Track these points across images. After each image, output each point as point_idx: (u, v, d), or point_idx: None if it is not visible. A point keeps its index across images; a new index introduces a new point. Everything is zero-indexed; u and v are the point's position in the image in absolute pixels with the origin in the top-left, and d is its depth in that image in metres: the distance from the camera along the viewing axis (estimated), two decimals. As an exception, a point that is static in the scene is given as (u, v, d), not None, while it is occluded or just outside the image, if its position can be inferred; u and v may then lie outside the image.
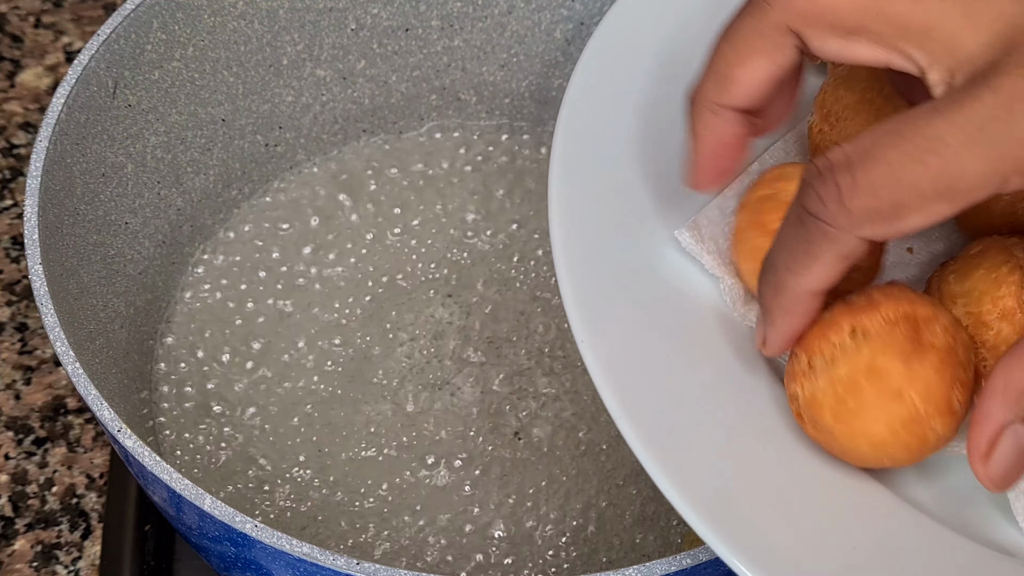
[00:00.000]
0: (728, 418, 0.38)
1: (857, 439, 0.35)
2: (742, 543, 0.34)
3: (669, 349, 0.39)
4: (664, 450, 0.36)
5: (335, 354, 0.55)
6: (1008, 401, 0.33)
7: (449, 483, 0.52)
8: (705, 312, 0.40)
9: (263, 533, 0.37)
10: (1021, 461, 0.33)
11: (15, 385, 0.58)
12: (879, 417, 0.35)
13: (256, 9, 0.54)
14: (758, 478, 0.37)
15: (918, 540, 0.36)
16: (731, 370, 0.39)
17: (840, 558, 0.35)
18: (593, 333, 0.38)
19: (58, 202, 0.46)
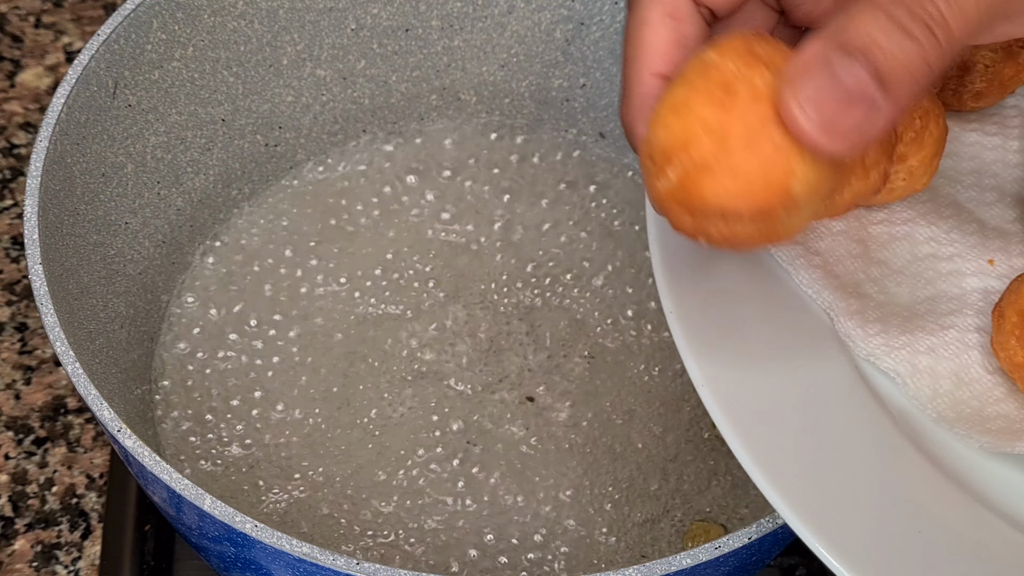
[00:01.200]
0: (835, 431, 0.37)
1: None
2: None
3: (776, 367, 0.38)
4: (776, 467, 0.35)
5: (335, 353, 0.55)
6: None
7: (450, 483, 0.52)
8: (810, 326, 0.39)
9: (263, 533, 0.37)
10: (825, 81, 0.29)
11: (15, 385, 0.58)
12: None
13: (256, 9, 0.54)
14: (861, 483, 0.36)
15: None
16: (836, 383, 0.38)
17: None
18: (699, 351, 0.37)
19: (58, 202, 0.46)
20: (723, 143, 0.30)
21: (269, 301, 0.56)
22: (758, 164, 0.30)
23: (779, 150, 0.30)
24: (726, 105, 0.30)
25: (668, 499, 0.52)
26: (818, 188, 0.31)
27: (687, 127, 0.31)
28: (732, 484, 0.53)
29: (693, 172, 0.31)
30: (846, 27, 0.29)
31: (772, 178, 0.30)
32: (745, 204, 0.31)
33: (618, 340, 0.56)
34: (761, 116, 0.30)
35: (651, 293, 0.57)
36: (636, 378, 0.55)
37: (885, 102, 0.29)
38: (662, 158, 0.31)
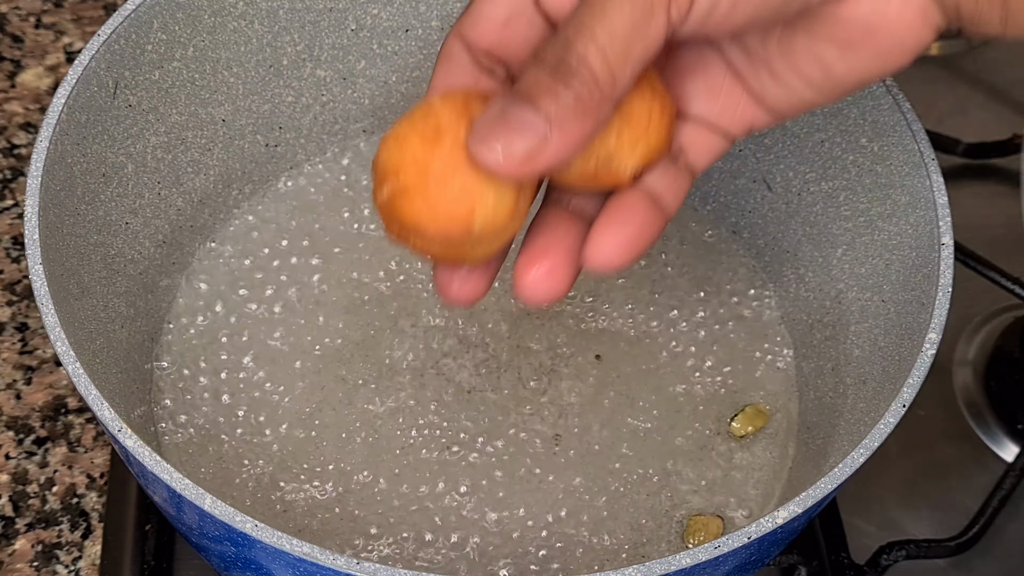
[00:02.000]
0: None
1: None
2: None
3: None
4: None
5: (336, 354, 0.55)
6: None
7: (450, 482, 0.52)
8: None
9: (263, 533, 0.38)
10: (499, 123, 0.36)
11: (16, 385, 0.59)
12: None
13: (256, 10, 0.54)
14: None
15: None
16: None
17: None
18: None
19: (59, 202, 0.46)
20: (423, 176, 0.37)
21: (270, 302, 0.56)
22: (445, 198, 0.37)
23: (464, 191, 0.37)
24: (433, 145, 0.37)
25: (668, 499, 0.52)
26: (500, 223, 0.38)
27: (401, 156, 0.37)
28: (732, 483, 0.53)
29: (398, 193, 0.37)
30: (520, 79, 0.36)
31: (455, 212, 0.37)
32: (432, 228, 0.37)
33: (618, 340, 0.56)
34: (456, 161, 0.37)
35: (653, 293, 0.58)
36: (636, 377, 0.55)
37: (554, 131, 0.35)
38: (381, 175, 0.38)
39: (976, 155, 0.68)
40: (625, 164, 0.39)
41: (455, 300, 0.42)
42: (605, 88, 0.35)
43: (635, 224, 0.40)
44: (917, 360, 0.43)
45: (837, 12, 0.37)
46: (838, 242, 0.54)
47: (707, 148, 0.42)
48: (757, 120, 0.42)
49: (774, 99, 0.41)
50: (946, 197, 0.47)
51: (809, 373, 0.55)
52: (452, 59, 0.41)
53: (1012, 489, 0.55)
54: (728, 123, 0.42)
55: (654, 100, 0.39)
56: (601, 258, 0.40)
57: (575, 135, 0.36)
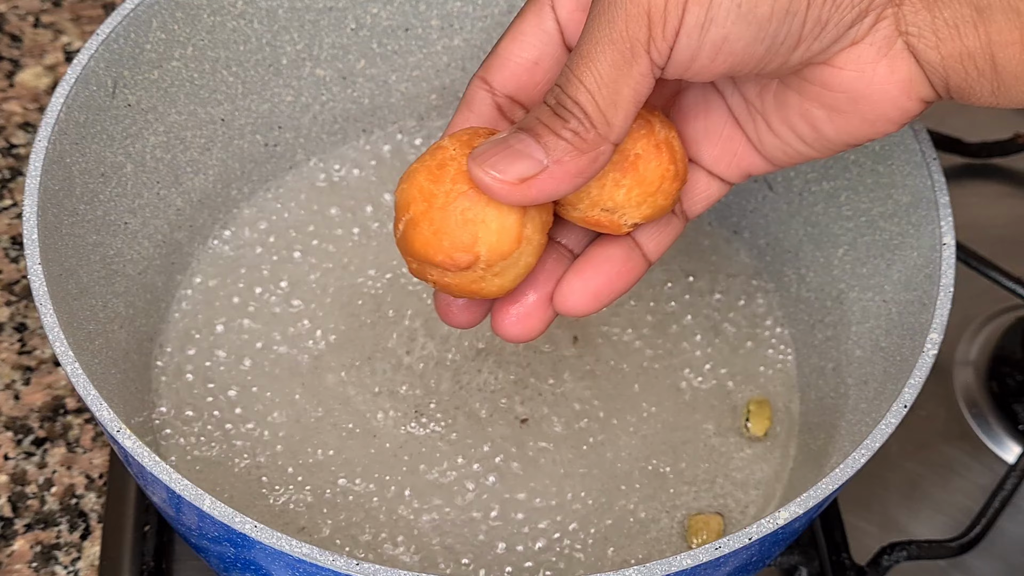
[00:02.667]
0: None
1: None
2: None
3: None
4: None
5: (335, 353, 0.55)
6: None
7: (451, 482, 0.52)
8: None
9: (262, 533, 0.37)
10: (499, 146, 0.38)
11: (14, 385, 0.58)
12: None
13: (256, 9, 0.54)
14: None
15: None
16: None
17: None
18: None
19: (57, 202, 0.46)
20: (429, 207, 0.39)
21: (269, 302, 0.56)
22: (450, 226, 0.39)
23: (467, 218, 0.38)
24: (437, 178, 0.39)
25: (669, 499, 0.52)
26: (505, 248, 0.39)
27: (410, 191, 0.39)
28: (733, 484, 0.53)
29: (410, 226, 0.39)
30: (525, 117, 0.38)
31: (460, 239, 0.39)
32: (441, 257, 0.39)
33: (619, 339, 0.56)
34: (458, 190, 0.38)
35: (653, 293, 0.58)
36: (637, 377, 0.55)
37: (551, 163, 0.37)
38: (397, 212, 0.40)
39: (978, 155, 0.68)
40: (628, 219, 0.41)
41: (453, 323, 0.44)
42: (600, 128, 0.37)
43: (607, 274, 0.42)
44: (918, 360, 0.43)
45: (822, 77, 0.38)
46: (839, 242, 0.54)
47: (704, 195, 0.44)
48: (754, 166, 0.43)
49: (771, 149, 0.42)
50: (948, 197, 0.47)
51: (810, 373, 0.55)
52: (473, 106, 0.42)
53: (1013, 490, 0.55)
54: (725, 169, 0.43)
55: (670, 165, 0.40)
56: (568, 304, 0.42)
57: (570, 169, 0.37)
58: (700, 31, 0.36)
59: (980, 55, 0.37)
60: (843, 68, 0.38)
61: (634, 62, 0.36)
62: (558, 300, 0.43)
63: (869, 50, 0.38)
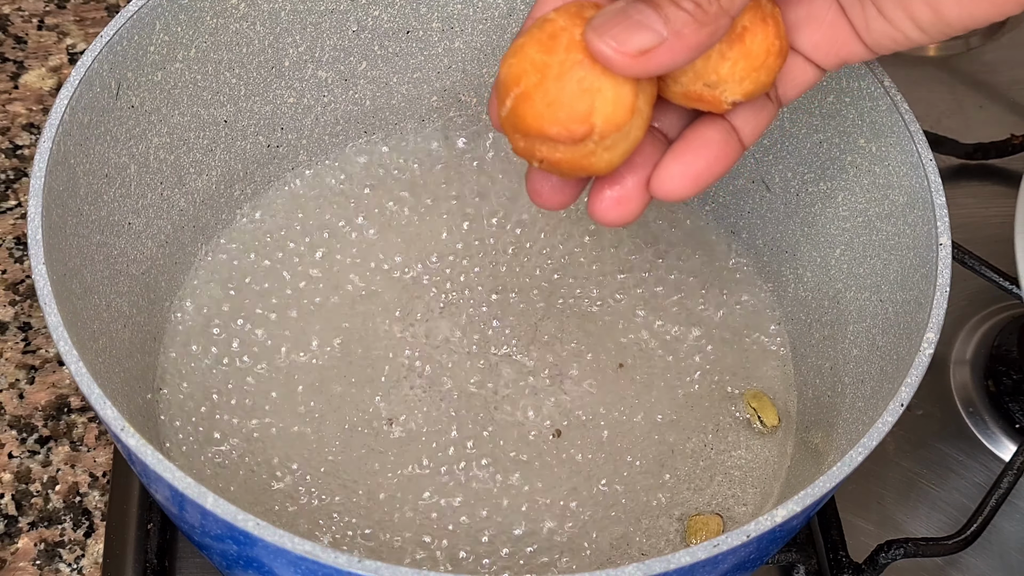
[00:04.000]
0: None
1: None
2: None
3: None
4: None
5: (338, 353, 0.55)
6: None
7: (451, 482, 0.52)
8: None
9: (265, 531, 0.38)
10: (619, 16, 0.37)
11: (19, 384, 0.59)
12: None
13: (258, 11, 0.54)
14: None
15: None
16: None
17: None
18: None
19: (61, 203, 0.46)
20: (543, 78, 0.38)
21: (271, 301, 0.57)
22: (566, 96, 0.38)
23: (583, 88, 0.37)
24: (550, 49, 0.38)
25: (668, 497, 0.52)
26: (620, 119, 0.38)
27: (520, 65, 0.38)
28: (730, 482, 0.53)
29: (520, 100, 0.38)
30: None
31: (576, 109, 0.38)
32: (556, 129, 0.38)
33: (617, 340, 0.56)
34: (573, 60, 0.37)
35: (651, 293, 0.58)
36: (635, 377, 0.55)
37: (670, 35, 0.36)
38: (503, 90, 0.39)
39: (974, 156, 0.68)
40: (730, 93, 0.40)
41: (545, 204, 0.43)
42: (724, 2, 0.36)
43: (706, 158, 0.42)
44: (915, 359, 0.43)
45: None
46: (836, 242, 0.54)
47: (800, 81, 0.43)
48: (853, 55, 0.42)
49: (877, 35, 0.41)
50: (944, 197, 0.47)
51: (807, 372, 0.55)
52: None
53: (1010, 488, 0.55)
54: (824, 56, 0.42)
55: (776, 39, 0.40)
56: (666, 188, 0.41)
57: (690, 42, 0.37)
58: None
59: None
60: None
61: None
62: (656, 184, 0.42)
63: None
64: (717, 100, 0.41)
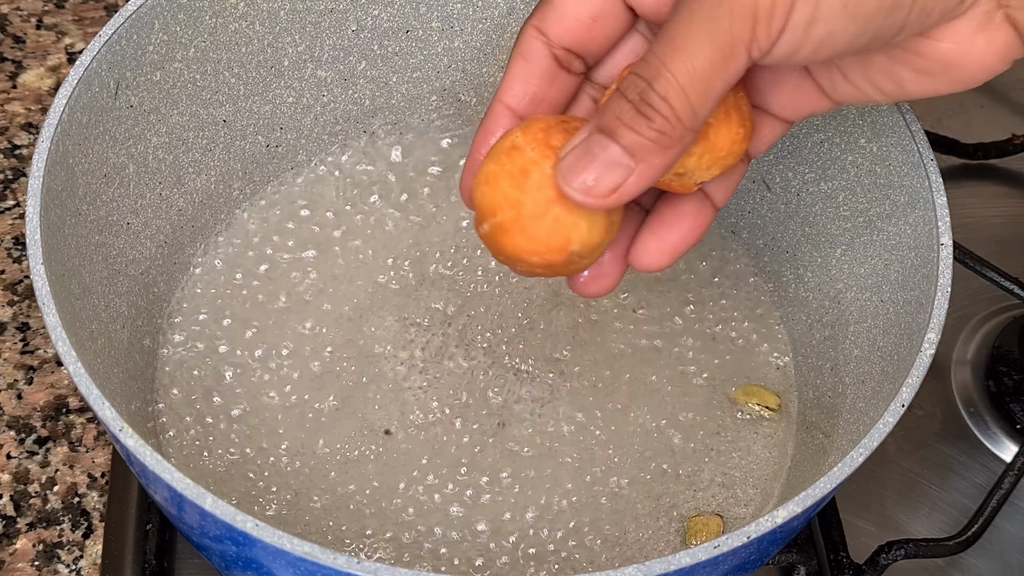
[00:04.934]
0: None
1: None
2: None
3: None
4: None
5: (338, 353, 0.55)
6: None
7: (452, 482, 0.52)
8: None
9: (264, 532, 0.38)
10: (585, 159, 0.37)
11: (17, 385, 0.59)
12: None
13: (257, 11, 0.54)
14: None
15: None
16: None
17: None
18: None
19: (60, 202, 0.46)
20: (518, 215, 0.39)
21: (271, 301, 0.56)
22: (543, 232, 0.39)
23: (559, 224, 0.39)
24: (522, 186, 0.39)
25: (668, 498, 0.52)
26: (596, 241, 0.40)
27: (494, 198, 0.40)
28: (731, 483, 0.53)
29: (498, 231, 0.40)
30: (603, 112, 0.37)
31: (553, 243, 0.39)
32: (535, 259, 0.40)
33: (617, 340, 0.56)
34: (547, 198, 0.39)
35: (651, 294, 0.58)
36: (635, 377, 0.55)
37: (638, 165, 0.37)
38: (479, 214, 0.41)
39: (975, 156, 0.68)
40: (697, 179, 0.41)
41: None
42: (687, 122, 0.36)
43: (682, 229, 0.43)
44: (916, 360, 0.43)
45: (917, 47, 0.38)
46: (837, 242, 0.54)
47: (768, 137, 0.44)
48: (818, 108, 0.43)
49: (841, 95, 0.42)
50: (945, 197, 0.47)
51: (808, 373, 0.55)
52: (530, 57, 0.42)
53: (1011, 489, 0.55)
54: (791, 112, 0.43)
55: (740, 128, 0.41)
56: (645, 261, 0.43)
57: (658, 166, 0.37)
58: (805, 29, 0.35)
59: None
60: (941, 40, 0.37)
61: (732, 59, 0.36)
62: (635, 258, 0.43)
63: (969, 24, 0.37)
64: (685, 186, 0.42)
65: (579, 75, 0.43)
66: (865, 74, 0.40)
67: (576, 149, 0.38)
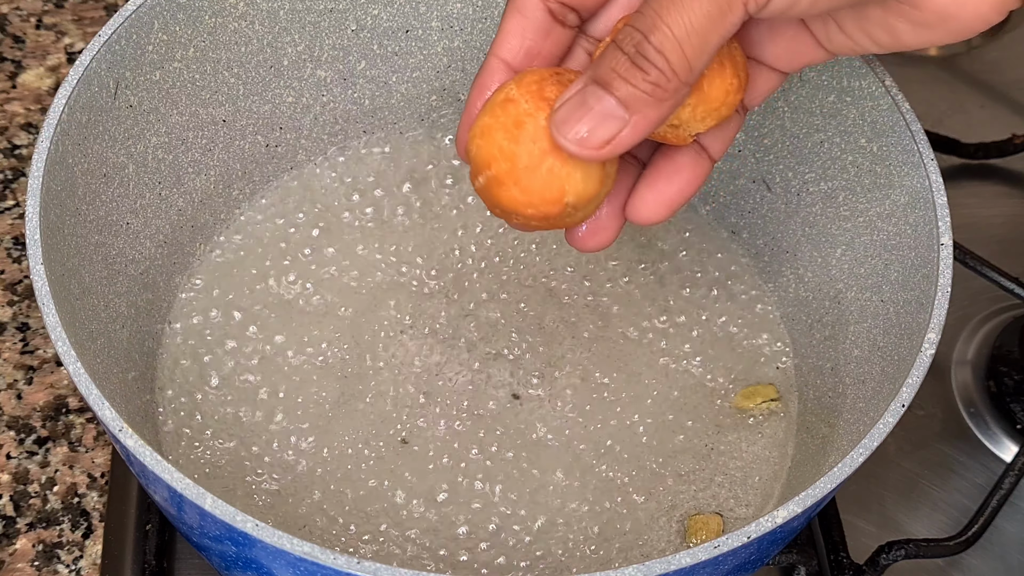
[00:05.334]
0: None
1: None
2: None
3: None
4: None
5: (337, 353, 0.55)
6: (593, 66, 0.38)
7: (452, 482, 0.52)
8: None
9: (264, 532, 0.38)
10: (580, 110, 0.37)
11: (17, 385, 0.59)
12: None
13: (257, 10, 0.54)
14: None
15: None
16: None
17: None
18: None
19: (60, 202, 0.46)
20: (513, 167, 0.39)
21: (271, 302, 0.56)
22: (537, 184, 0.39)
23: (554, 175, 0.39)
24: (516, 138, 0.39)
25: (668, 498, 0.52)
26: (591, 193, 0.40)
27: (489, 150, 0.40)
28: (731, 483, 0.53)
29: (493, 183, 0.40)
30: (598, 64, 0.37)
31: (548, 195, 0.39)
32: (531, 211, 0.40)
33: (618, 339, 0.56)
34: (541, 149, 0.39)
35: (652, 293, 0.58)
36: (636, 377, 0.55)
37: (632, 117, 0.37)
38: (474, 167, 0.41)
39: (975, 155, 0.68)
40: (692, 130, 0.41)
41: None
42: (682, 76, 0.37)
43: (679, 181, 0.43)
44: (916, 360, 0.43)
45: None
46: (837, 242, 0.54)
47: (764, 88, 0.44)
48: (814, 59, 0.43)
49: (836, 46, 0.42)
50: (945, 197, 0.47)
51: (808, 373, 0.55)
52: (525, 11, 0.42)
53: (1011, 489, 0.55)
54: (786, 63, 0.43)
55: (733, 79, 0.41)
56: (642, 214, 0.43)
57: (652, 119, 0.37)
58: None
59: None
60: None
61: (729, 13, 0.36)
62: (632, 211, 0.43)
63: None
64: (681, 137, 0.42)
65: (574, 28, 0.43)
66: (861, 26, 0.40)
67: (570, 100, 0.38)
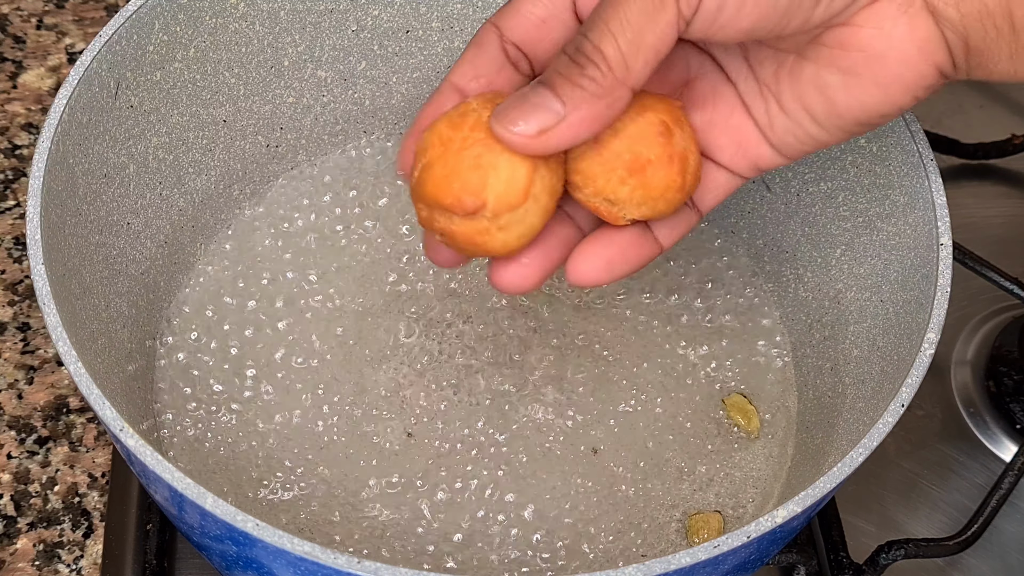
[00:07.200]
0: None
1: None
2: None
3: None
4: None
5: (337, 353, 0.55)
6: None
7: (452, 482, 0.52)
8: None
9: (265, 532, 0.38)
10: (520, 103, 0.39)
11: (17, 384, 0.59)
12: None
13: (257, 11, 0.54)
14: None
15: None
16: None
17: None
18: None
19: (60, 202, 0.46)
20: (445, 151, 0.40)
21: (270, 301, 0.56)
22: (462, 169, 0.40)
23: (479, 163, 0.40)
24: (457, 126, 0.40)
25: (667, 498, 0.52)
26: (511, 201, 0.40)
27: (429, 138, 0.41)
28: (731, 482, 0.53)
29: (424, 169, 0.40)
30: (544, 73, 0.39)
31: (470, 182, 0.40)
32: (450, 199, 0.40)
33: (617, 340, 0.56)
34: (475, 138, 0.40)
35: (652, 293, 0.58)
36: (635, 377, 0.55)
37: (567, 111, 0.38)
38: (415, 160, 0.41)
39: (974, 156, 0.68)
40: (627, 214, 0.42)
41: (436, 261, 0.45)
42: (618, 72, 0.37)
43: (619, 245, 0.43)
44: (916, 360, 0.43)
45: (840, 38, 0.39)
46: (837, 242, 0.54)
47: (715, 189, 0.44)
48: (762, 158, 0.43)
49: (781, 133, 0.42)
50: (944, 197, 0.47)
51: (808, 373, 0.55)
52: (483, 46, 0.43)
53: (1010, 489, 0.55)
54: (735, 162, 0.44)
55: (678, 177, 0.41)
56: (580, 274, 0.43)
57: (587, 116, 0.38)
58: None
59: (999, 12, 0.38)
60: (862, 26, 0.38)
61: (663, 9, 0.37)
62: (571, 270, 0.43)
63: (889, 7, 0.38)
64: (615, 216, 0.42)
65: (526, 76, 0.44)
66: (797, 93, 0.41)
67: (513, 97, 0.39)
